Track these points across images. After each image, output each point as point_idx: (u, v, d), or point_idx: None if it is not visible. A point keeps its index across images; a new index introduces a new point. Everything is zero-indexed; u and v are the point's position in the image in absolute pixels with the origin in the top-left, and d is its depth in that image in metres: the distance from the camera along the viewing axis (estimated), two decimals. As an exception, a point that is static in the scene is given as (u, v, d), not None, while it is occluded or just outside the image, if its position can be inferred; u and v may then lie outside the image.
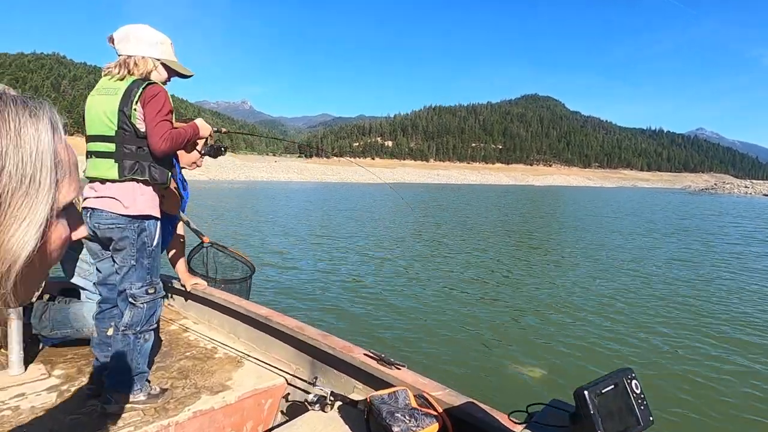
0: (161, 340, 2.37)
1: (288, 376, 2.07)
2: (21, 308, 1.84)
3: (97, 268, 1.75)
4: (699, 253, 10.30)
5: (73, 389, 1.80)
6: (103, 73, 1.66)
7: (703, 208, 29.64)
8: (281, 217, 16.46)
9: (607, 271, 7.75)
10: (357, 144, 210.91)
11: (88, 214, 1.62)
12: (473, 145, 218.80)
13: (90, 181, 1.65)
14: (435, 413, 1.54)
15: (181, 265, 2.66)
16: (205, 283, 2.71)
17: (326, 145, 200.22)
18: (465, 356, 3.96)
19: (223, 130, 2.05)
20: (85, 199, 1.65)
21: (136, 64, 1.61)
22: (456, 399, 1.57)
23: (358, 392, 1.84)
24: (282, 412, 2.04)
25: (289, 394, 2.05)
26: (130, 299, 1.65)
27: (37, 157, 0.35)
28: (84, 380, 1.89)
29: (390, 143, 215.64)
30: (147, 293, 1.67)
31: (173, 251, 2.59)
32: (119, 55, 1.63)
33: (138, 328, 1.67)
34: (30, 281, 0.37)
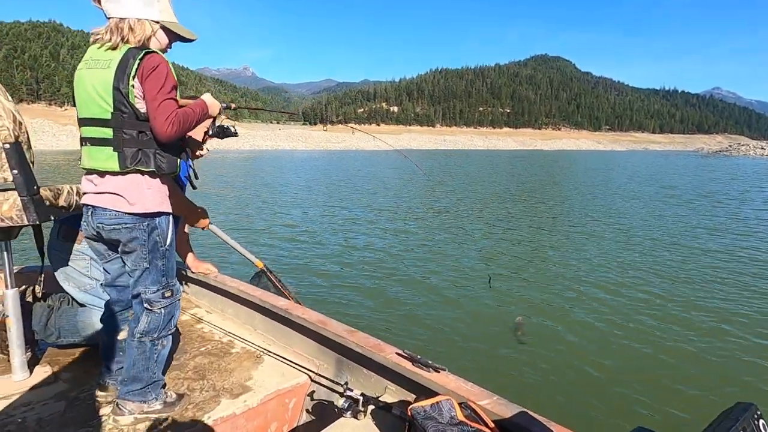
0: (179, 331, 2.22)
1: (312, 373, 1.91)
2: (20, 310, 1.67)
3: (104, 269, 1.55)
4: (726, 222, 9.90)
5: (82, 396, 1.66)
6: (91, 40, 1.37)
7: (721, 172, 28.88)
8: (291, 188, 16.26)
9: (641, 245, 7.26)
10: (362, 110, 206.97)
11: (89, 212, 1.40)
12: (480, 109, 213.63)
13: (87, 173, 1.40)
14: (486, 429, 1.37)
15: (187, 249, 2.48)
16: (216, 270, 2.53)
17: (331, 112, 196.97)
18: (510, 352, 3.55)
19: (233, 105, 1.77)
20: (83, 194, 1.42)
21: (131, 28, 1.32)
22: (507, 410, 1.39)
23: (391, 393, 1.68)
24: (307, 410, 1.90)
25: (314, 391, 1.90)
26: (146, 304, 1.47)
27: None
28: (93, 384, 1.74)
29: (395, 109, 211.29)
30: (164, 297, 1.48)
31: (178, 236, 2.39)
32: (109, 18, 1.33)
33: (155, 335, 1.49)
34: None
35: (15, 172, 1.42)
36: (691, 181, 21.31)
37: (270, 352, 2.06)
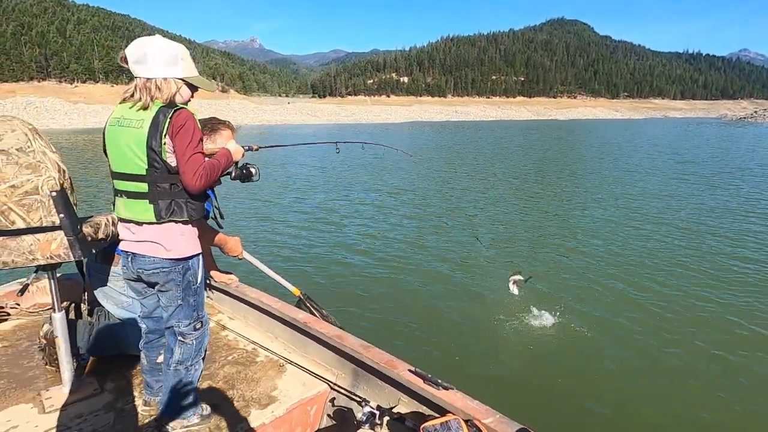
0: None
1: (330, 382, 2.08)
2: (67, 330, 1.85)
3: (141, 304, 1.72)
4: (749, 202, 9.43)
5: (127, 407, 1.86)
6: (120, 100, 1.49)
7: (747, 142, 27.61)
8: (305, 170, 16.34)
9: (657, 234, 6.86)
10: (371, 81, 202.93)
11: (129, 258, 1.56)
12: (493, 77, 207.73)
13: (123, 221, 1.55)
14: (488, 447, 1.52)
15: (210, 261, 2.65)
16: (237, 279, 2.70)
17: (340, 84, 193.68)
18: (520, 368, 3.45)
19: (255, 147, 1.87)
20: (121, 240, 1.58)
21: (158, 87, 1.43)
22: (509, 428, 1.53)
23: (404, 405, 1.84)
24: (328, 415, 2.08)
25: (333, 398, 2.07)
26: (179, 337, 1.64)
27: None
28: (135, 395, 1.94)
29: (406, 79, 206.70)
30: (195, 329, 1.65)
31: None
32: (137, 77, 1.44)
33: (189, 363, 1.67)
34: None
35: (62, 215, 1.57)
36: (710, 152, 20.71)
37: (291, 361, 2.23)
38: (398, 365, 1.84)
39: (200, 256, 1.63)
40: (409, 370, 1.80)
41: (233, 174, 1.80)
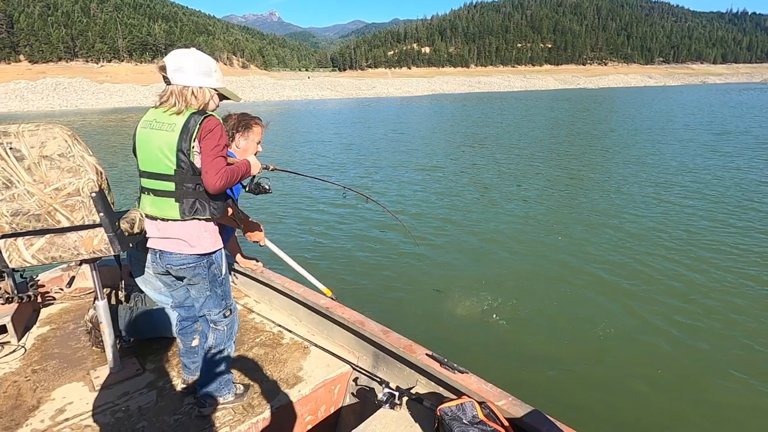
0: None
1: (352, 364, 2.20)
2: (110, 316, 2.02)
3: (172, 296, 1.86)
4: None
5: (168, 386, 2.03)
6: (157, 104, 1.59)
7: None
8: (331, 145, 16.39)
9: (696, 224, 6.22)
10: (392, 53, 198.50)
11: (158, 254, 1.69)
12: (519, 45, 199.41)
13: (149, 218, 1.66)
14: (501, 429, 1.61)
15: (235, 248, 2.79)
16: (262, 265, 2.83)
17: (360, 56, 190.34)
18: (535, 354, 3.42)
19: (271, 167, 2.01)
20: (148, 238, 1.69)
21: (194, 95, 1.55)
22: (521, 409, 1.62)
23: (422, 386, 1.95)
24: (352, 394, 2.21)
25: (356, 378, 2.20)
26: (211, 324, 1.77)
27: None
28: (174, 374, 2.11)
29: (427, 49, 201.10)
30: (225, 317, 1.79)
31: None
32: (173, 84, 1.54)
33: (222, 347, 1.81)
34: None
35: (101, 214, 1.69)
36: (755, 120, 19.52)
37: (315, 343, 2.36)
38: (416, 349, 1.94)
39: (223, 251, 1.75)
40: (427, 354, 1.90)
41: (248, 187, 1.88)
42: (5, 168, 1.55)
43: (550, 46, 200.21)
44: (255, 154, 2.26)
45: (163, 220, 1.62)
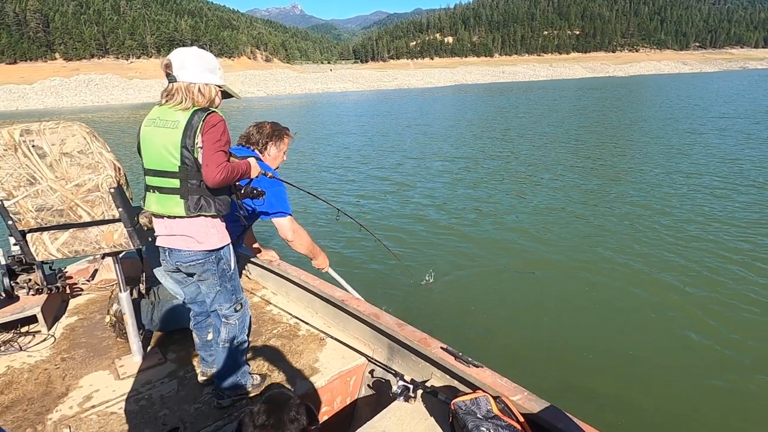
0: (250, 314, 2.62)
1: (367, 356, 2.21)
2: (132, 307, 2.08)
3: (183, 292, 1.90)
4: None
5: (188, 376, 2.09)
6: (161, 100, 1.60)
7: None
8: (350, 141, 16.43)
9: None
10: (414, 43, 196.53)
11: (167, 252, 1.70)
12: (545, 33, 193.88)
13: (155, 216, 1.67)
14: (516, 424, 1.58)
15: (252, 241, 2.83)
16: (278, 257, 2.86)
17: (382, 48, 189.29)
18: (551, 349, 3.29)
19: (269, 174, 2.03)
20: (156, 236, 1.71)
21: (201, 92, 1.56)
22: (536, 405, 1.59)
23: (437, 379, 1.94)
24: (368, 386, 2.22)
25: (373, 370, 2.21)
26: (223, 319, 1.80)
27: None
28: (194, 364, 2.17)
29: (450, 39, 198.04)
30: (236, 311, 1.81)
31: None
32: (178, 82, 1.54)
33: (235, 340, 1.84)
34: None
35: (120, 209, 1.74)
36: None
37: (331, 335, 2.38)
38: (431, 343, 1.93)
39: (230, 246, 1.77)
40: (441, 348, 1.89)
41: (243, 190, 1.87)
42: (29, 165, 1.61)
43: (578, 33, 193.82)
44: (279, 163, 2.33)
45: (169, 217, 1.63)
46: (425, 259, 5.05)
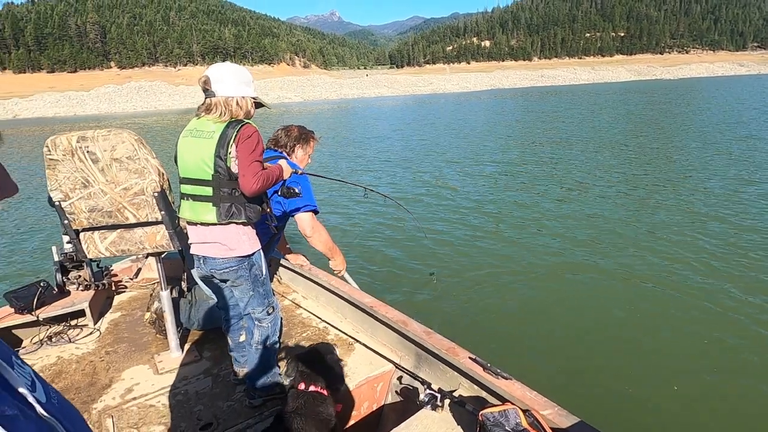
0: (281, 317, 2.68)
1: (395, 363, 2.21)
2: (172, 305, 2.18)
3: (217, 297, 1.97)
4: None
5: (222, 374, 2.16)
6: (199, 114, 1.68)
7: None
8: (385, 146, 16.54)
9: None
10: (450, 48, 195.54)
11: (201, 260, 1.77)
12: (587, 35, 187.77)
13: (189, 223, 1.75)
14: (546, 439, 1.53)
15: (284, 245, 2.90)
16: (308, 262, 2.92)
17: (418, 53, 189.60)
18: (585, 363, 3.25)
19: (300, 171, 2.12)
20: (190, 243, 1.78)
21: (238, 105, 1.63)
22: (567, 420, 1.53)
23: (465, 389, 1.91)
24: (396, 392, 2.22)
25: (401, 377, 2.20)
26: (255, 321, 1.85)
27: None
28: (228, 363, 2.24)
29: (487, 43, 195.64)
30: (268, 314, 1.87)
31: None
32: (217, 96, 1.62)
33: (267, 342, 1.90)
34: None
35: (163, 212, 1.83)
36: None
37: (359, 341, 2.39)
38: (459, 352, 1.90)
39: (261, 251, 1.82)
40: (470, 358, 1.86)
41: (279, 191, 1.95)
42: (83, 169, 1.73)
43: (622, 34, 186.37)
44: (305, 165, 2.40)
45: (202, 224, 1.70)
46: (456, 266, 4.99)
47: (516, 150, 13.15)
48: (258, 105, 1.77)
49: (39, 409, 0.41)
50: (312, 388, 1.60)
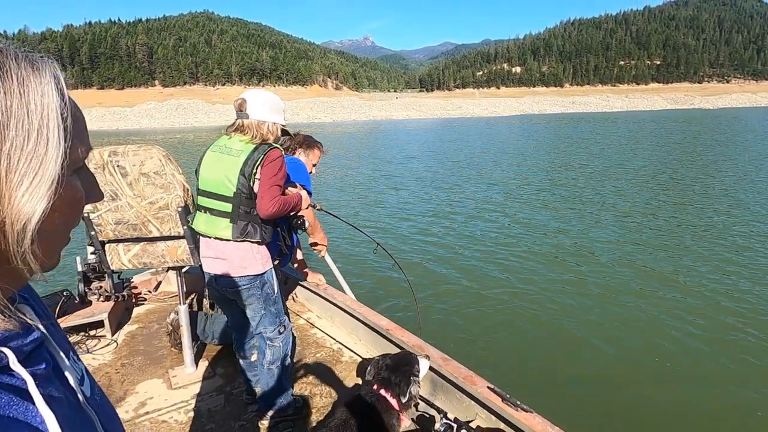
0: (294, 336, 2.65)
1: None
2: (188, 320, 2.19)
3: (227, 315, 1.96)
4: None
5: (235, 392, 2.14)
6: (229, 132, 1.71)
7: None
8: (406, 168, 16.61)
9: None
10: (480, 73, 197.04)
11: (213, 278, 1.76)
12: (621, 63, 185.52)
13: (203, 236, 1.74)
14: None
15: (300, 262, 2.88)
16: (325, 281, 2.89)
17: (448, 77, 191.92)
18: (610, 398, 3.12)
19: (318, 206, 2.14)
20: (203, 257, 1.77)
21: (269, 130, 1.68)
22: None
23: (482, 420, 1.83)
24: (412, 419, 2.12)
25: (417, 404, 2.11)
26: (267, 341, 1.83)
27: (43, 111, 0.34)
28: (240, 381, 2.21)
29: (518, 69, 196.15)
30: (279, 333, 1.84)
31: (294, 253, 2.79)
32: (250, 119, 1.66)
33: (279, 362, 1.86)
34: (52, 245, 0.38)
35: (185, 227, 1.85)
36: None
37: None
38: (477, 381, 1.82)
39: (273, 270, 1.81)
40: (488, 387, 1.77)
41: (292, 222, 1.93)
42: (113, 182, 1.78)
43: (658, 62, 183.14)
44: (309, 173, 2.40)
45: (216, 239, 1.70)
46: (476, 291, 4.85)
47: (543, 173, 12.91)
48: (284, 133, 1.80)
49: (83, 400, 0.43)
50: (383, 392, 1.55)
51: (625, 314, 4.26)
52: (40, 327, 0.40)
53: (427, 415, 2.00)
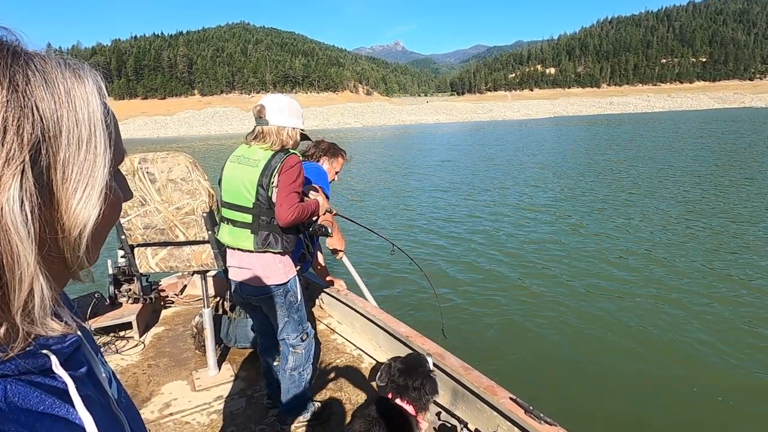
0: (318, 342, 2.65)
1: None
2: (212, 323, 2.23)
3: (252, 320, 1.98)
4: None
5: (256, 395, 2.16)
6: (248, 140, 1.70)
7: None
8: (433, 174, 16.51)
9: None
10: (513, 75, 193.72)
11: (237, 286, 1.78)
12: (663, 61, 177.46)
13: (228, 247, 1.77)
14: None
15: (322, 268, 2.89)
16: (346, 287, 2.88)
17: (479, 80, 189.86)
18: (635, 409, 2.97)
19: (334, 211, 2.13)
20: (229, 267, 1.79)
21: (289, 135, 1.67)
22: None
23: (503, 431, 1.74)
24: (434, 429, 2.08)
25: (439, 413, 2.07)
26: (290, 347, 1.83)
27: (90, 120, 0.35)
28: (262, 385, 2.23)
29: (552, 70, 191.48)
30: (302, 340, 1.84)
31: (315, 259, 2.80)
32: (270, 125, 1.65)
33: (301, 369, 1.87)
34: (97, 243, 0.39)
35: (210, 232, 1.90)
36: None
37: None
38: (498, 392, 1.76)
39: (296, 278, 1.81)
40: (510, 398, 1.71)
41: (311, 228, 1.92)
42: (142, 188, 1.84)
43: (704, 60, 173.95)
44: (330, 182, 2.40)
45: (240, 250, 1.72)
46: (498, 300, 4.71)
47: (579, 177, 12.47)
48: (303, 137, 1.80)
49: (113, 402, 0.44)
50: (398, 401, 1.52)
51: (663, 327, 4.00)
52: (77, 330, 0.41)
53: (449, 425, 1.96)
